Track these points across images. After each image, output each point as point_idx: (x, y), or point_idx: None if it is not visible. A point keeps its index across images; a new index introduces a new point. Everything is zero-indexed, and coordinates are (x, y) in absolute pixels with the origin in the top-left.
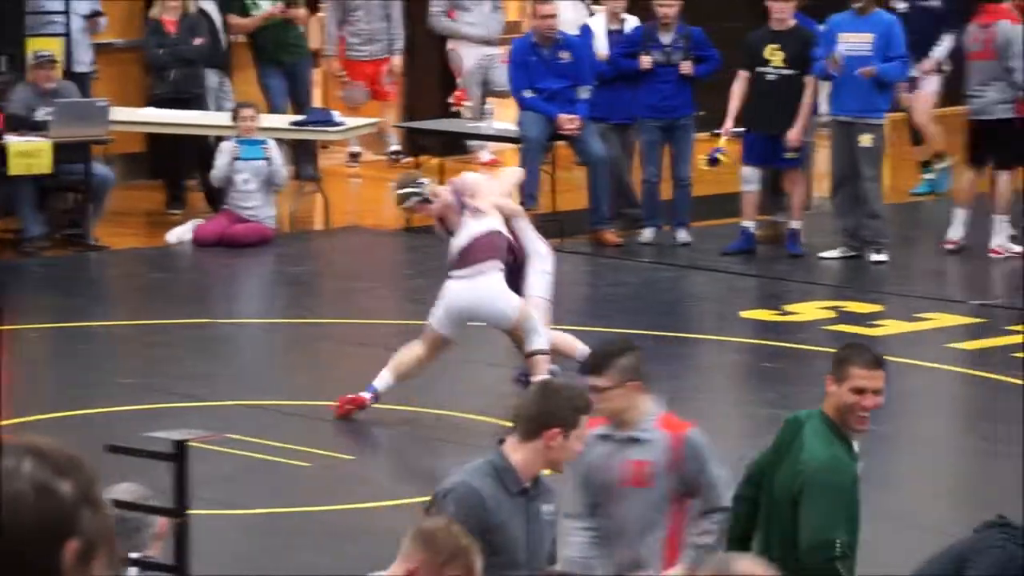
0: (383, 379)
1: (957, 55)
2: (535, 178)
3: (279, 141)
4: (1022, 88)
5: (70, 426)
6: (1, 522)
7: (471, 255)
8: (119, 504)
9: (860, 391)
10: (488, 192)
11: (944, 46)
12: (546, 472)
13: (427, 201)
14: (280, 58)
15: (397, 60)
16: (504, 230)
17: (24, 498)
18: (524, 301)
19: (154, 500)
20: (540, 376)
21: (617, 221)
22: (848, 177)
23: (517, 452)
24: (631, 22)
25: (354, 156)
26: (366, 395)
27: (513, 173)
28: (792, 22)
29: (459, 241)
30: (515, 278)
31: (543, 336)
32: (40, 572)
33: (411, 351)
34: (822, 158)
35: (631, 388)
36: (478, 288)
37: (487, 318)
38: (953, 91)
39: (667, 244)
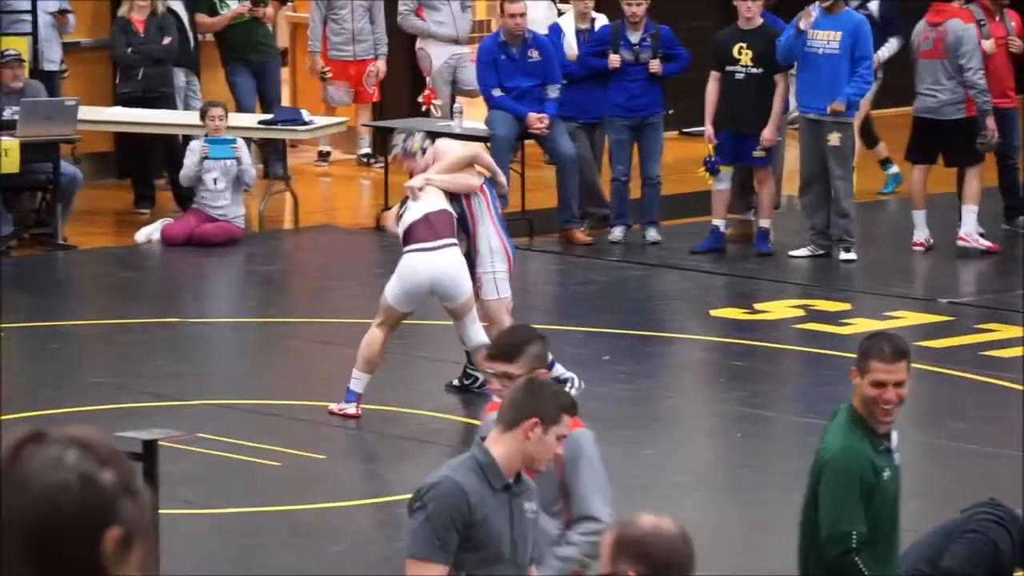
0: (358, 381)
1: (891, 62)
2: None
3: (247, 140)
4: (973, 87)
5: (39, 426)
6: (45, 510)
7: (429, 229)
8: None
9: (880, 384)
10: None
11: (887, 48)
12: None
13: (409, 155)
14: (248, 57)
15: (381, 63)
16: (449, 207)
17: (68, 487)
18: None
19: None
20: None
21: (586, 220)
22: (817, 176)
23: (498, 445)
24: (600, 21)
25: (323, 155)
26: (351, 408)
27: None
28: (759, 21)
29: (412, 216)
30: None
31: (481, 329)
32: (82, 560)
33: (372, 340)
34: (792, 156)
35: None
36: (440, 261)
37: (446, 291)
38: (891, 92)
39: (637, 243)
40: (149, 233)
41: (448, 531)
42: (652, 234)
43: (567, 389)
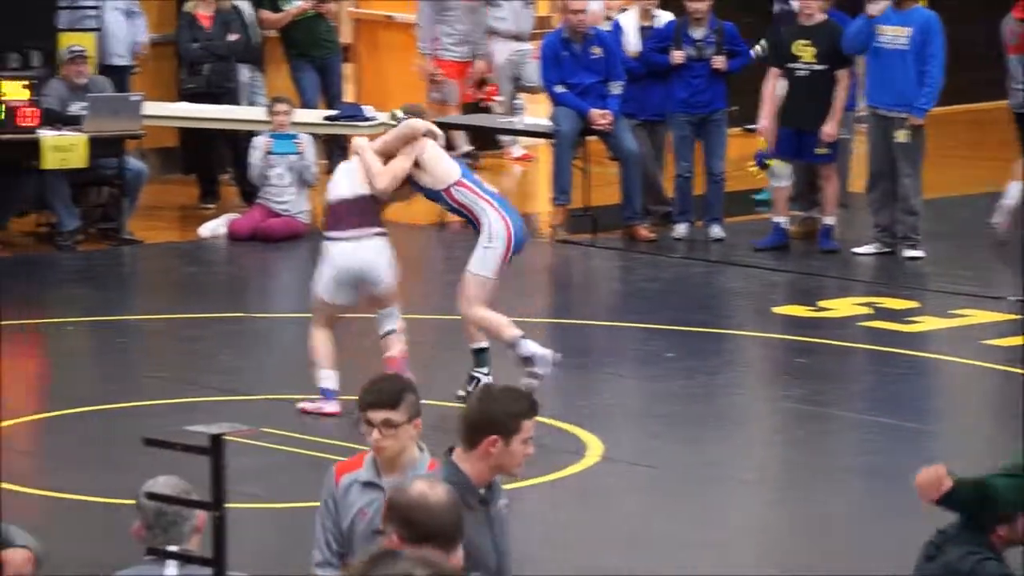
0: (327, 379)
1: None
2: (567, 174)
3: (312, 136)
4: None
5: (105, 420)
6: None
7: (348, 218)
8: (156, 497)
9: None
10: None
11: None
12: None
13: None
14: (311, 53)
15: (482, 64)
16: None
17: None
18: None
19: (194, 494)
20: (393, 352)
21: (649, 217)
22: (885, 172)
23: (465, 463)
24: (662, 18)
25: (469, 155)
26: (330, 408)
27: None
28: (821, 17)
29: (332, 200)
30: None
31: (398, 317)
32: None
33: (315, 343)
34: (860, 153)
35: (416, 427)
36: (365, 250)
37: (370, 280)
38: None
39: (700, 239)
40: (214, 228)
41: None
42: (715, 231)
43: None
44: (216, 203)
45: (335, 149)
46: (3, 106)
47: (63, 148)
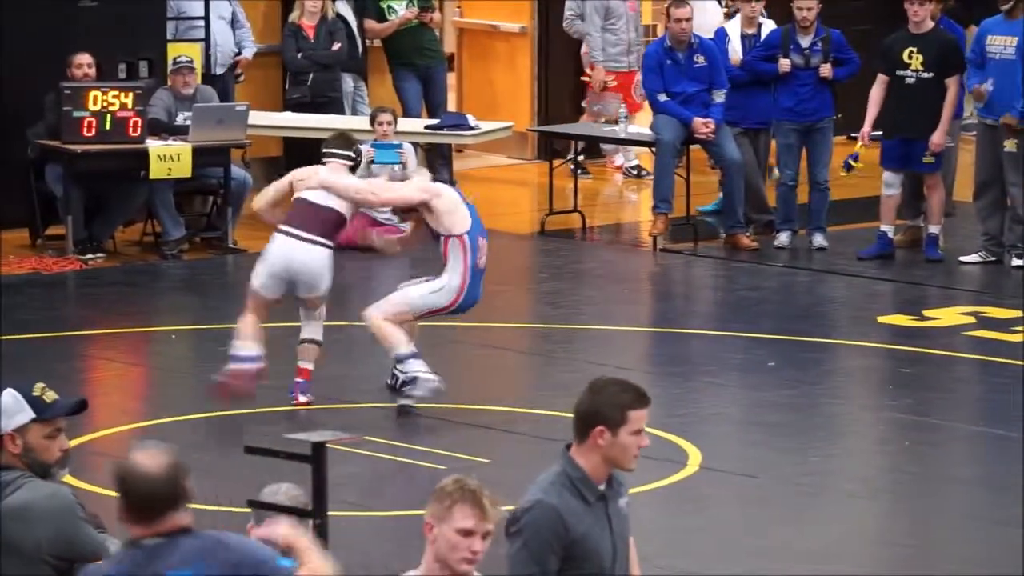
0: (242, 347)
1: None
2: (669, 182)
3: (414, 145)
4: None
5: (209, 428)
6: None
7: (310, 222)
8: (258, 505)
9: None
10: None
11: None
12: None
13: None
14: (415, 62)
15: (600, 73)
16: (340, 209)
17: None
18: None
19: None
20: (304, 361)
21: (751, 225)
22: (993, 181)
23: (581, 456)
24: (768, 26)
25: (634, 169)
26: (248, 366)
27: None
28: (930, 24)
29: (303, 197)
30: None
31: (321, 328)
32: None
33: (244, 320)
34: (965, 162)
35: None
36: (308, 252)
37: (305, 280)
38: None
39: (803, 248)
40: None
41: (546, 555)
42: (819, 239)
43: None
44: None
45: (437, 158)
46: (111, 116)
47: (169, 158)
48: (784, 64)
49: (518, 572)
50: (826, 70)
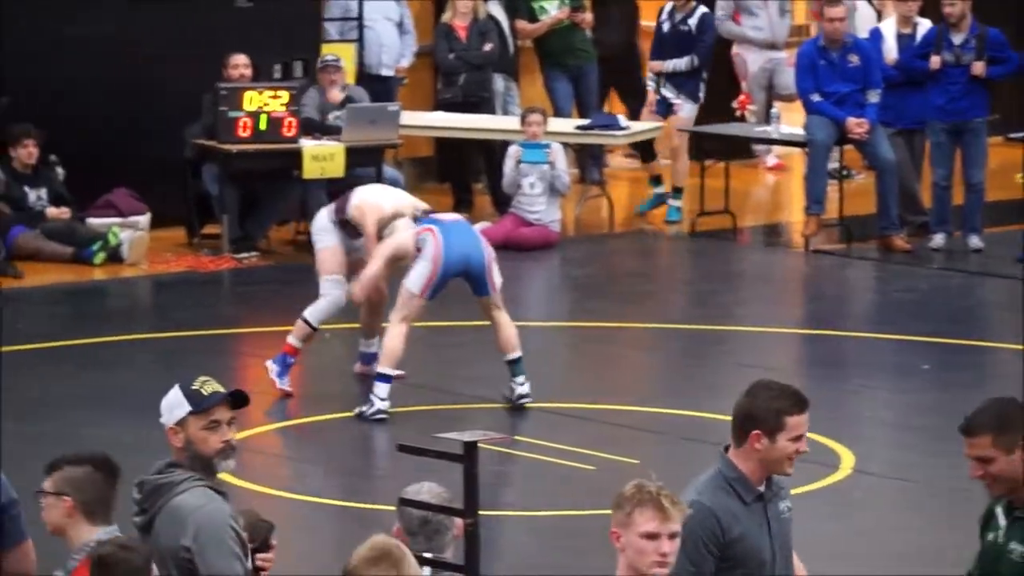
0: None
1: None
2: (822, 183)
3: (564, 145)
4: None
5: (358, 425)
6: None
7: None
8: (412, 503)
9: None
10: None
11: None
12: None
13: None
14: (566, 62)
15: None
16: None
17: None
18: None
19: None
20: (291, 338)
21: (905, 227)
22: None
23: (739, 458)
24: (924, 26)
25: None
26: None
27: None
28: None
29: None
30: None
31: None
32: None
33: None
34: None
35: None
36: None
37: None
38: None
39: (958, 250)
40: None
41: (702, 556)
42: (974, 241)
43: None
44: (469, 212)
45: (587, 159)
46: (266, 117)
47: (322, 157)
48: (935, 61)
49: (674, 573)
50: (978, 68)
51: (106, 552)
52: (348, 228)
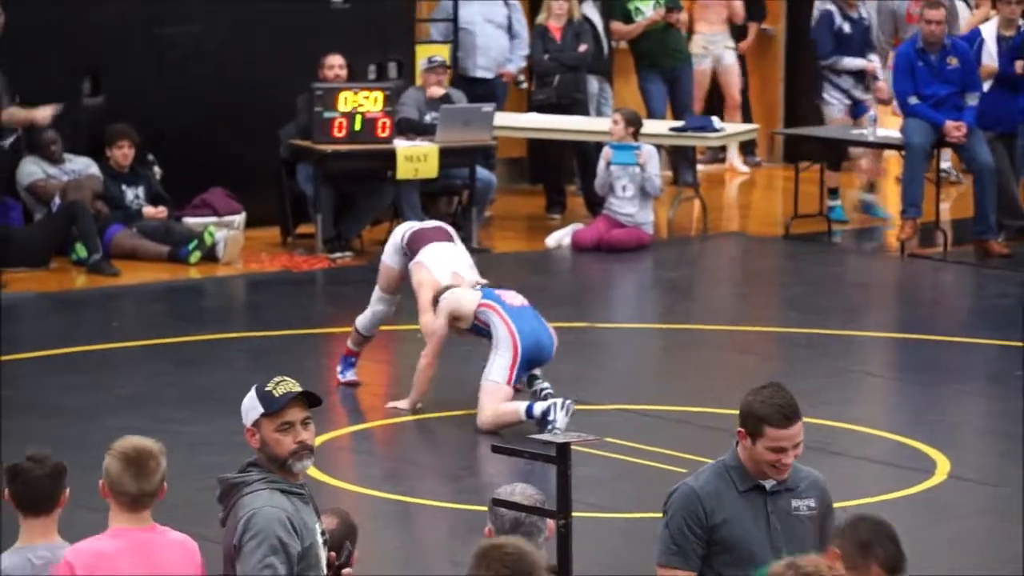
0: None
1: None
2: (919, 187)
3: (658, 147)
4: None
5: (456, 424)
6: None
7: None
8: (504, 504)
9: None
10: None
11: None
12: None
13: None
14: (661, 63)
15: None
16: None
17: None
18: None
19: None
20: (349, 342)
21: (1003, 231)
22: None
23: (739, 448)
24: None
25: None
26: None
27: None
28: None
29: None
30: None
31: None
32: None
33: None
34: None
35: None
36: None
37: None
38: None
39: None
40: (559, 238)
41: (684, 536)
42: None
43: (553, 416)
44: (562, 214)
45: (681, 160)
46: (361, 117)
47: (415, 158)
48: (1018, 66)
49: (660, 552)
50: None
51: (19, 462)
52: (411, 254)
